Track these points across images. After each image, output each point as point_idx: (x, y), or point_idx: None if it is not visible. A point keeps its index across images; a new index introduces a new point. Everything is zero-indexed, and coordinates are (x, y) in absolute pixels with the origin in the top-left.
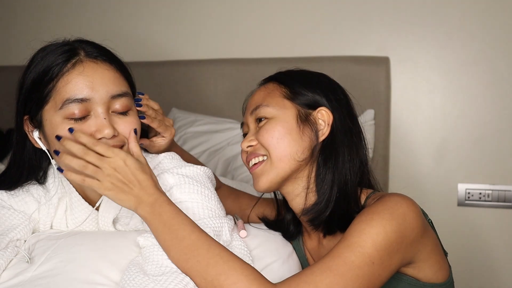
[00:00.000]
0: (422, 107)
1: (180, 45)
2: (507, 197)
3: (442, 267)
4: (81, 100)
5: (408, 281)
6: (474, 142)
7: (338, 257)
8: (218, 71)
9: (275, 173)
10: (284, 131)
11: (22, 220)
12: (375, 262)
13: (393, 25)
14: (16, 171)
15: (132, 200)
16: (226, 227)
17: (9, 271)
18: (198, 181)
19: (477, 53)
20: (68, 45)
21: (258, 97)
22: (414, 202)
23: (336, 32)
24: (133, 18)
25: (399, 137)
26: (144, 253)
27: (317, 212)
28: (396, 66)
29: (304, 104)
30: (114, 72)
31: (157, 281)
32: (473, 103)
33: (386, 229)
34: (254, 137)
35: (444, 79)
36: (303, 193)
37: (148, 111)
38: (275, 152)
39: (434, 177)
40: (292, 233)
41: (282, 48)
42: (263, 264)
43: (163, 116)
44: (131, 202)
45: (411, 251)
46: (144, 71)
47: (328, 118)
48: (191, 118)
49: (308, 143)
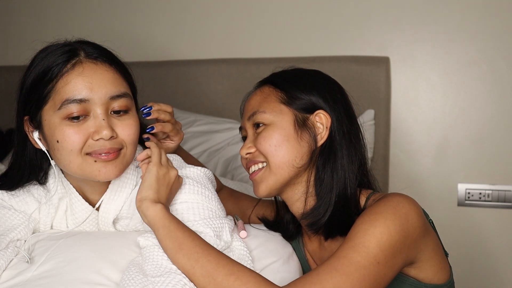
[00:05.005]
0: (422, 107)
1: (180, 45)
2: (507, 197)
3: (443, 268)
4: (80, 101)
5: (410, 282)
6: (474, 142)
7: (343, 258)
8: (218, 71)
9: (274, 180)
10: (281, 138)
11: (23, 221)
12: (380, 262)
13: (393, 25)
14: (18, 172)
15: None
16: (226, 227)
17: (9, 271)
18: (199, 182)
19: (477, 53)
20: (68, 46)
21: (255, 102)
22: (415, 202)
23: (336, 32)
24: (133, 18)
25: (399, 137)
26: (144, 253)
27: (316, 216)
28: (396, 66)
29: (301, 109)
30: (113, 73)
31: (155, 282)
32: (473, 103)
33: (389, 229)
34: (252, 144)
35: (444, 79)
36: (303, 198)
37: (160, 116)
38: (274, 160)
39: (434, 177)
40: (292, 233)
41: (282, 48)
42: (263, 264)
43: (174, 120)
44: (153, 194)
45: (414, 251)
46: (144, 71)
47: (326, 121)
48: (190, 118)
49: (307, 148)
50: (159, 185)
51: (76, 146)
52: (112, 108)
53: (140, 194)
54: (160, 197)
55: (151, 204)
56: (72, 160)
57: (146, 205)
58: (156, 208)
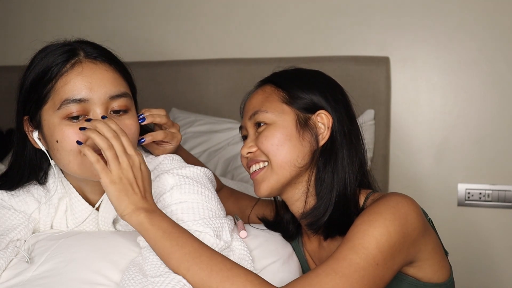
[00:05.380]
0: (422, 107)
1: (180, 45)
2: (507, 197)
3: (443, 267)
4: (79, 101)
5: (409, 281)
6: (474, 142)
7: (342, 259)
8: (218, 71)
9: (276, 179)
10: (283, 137)
11: (23, 220)
12: (379, 263)
13: (393, 25)
14: (17, 172)
15: (129, 204)
16: (226, 227)
17: (9, 271)
18: (198, 181)
19: (477, 53)
20: (68, 46)
21: (256, 101)
22: (415, 201)
23: (336, 32)
24: (133, 18)
25: (399, 137)
26: (144, 253)
27: (316, 216)
28: (396, 66)
29: (303, 108)
30: (113, 72)
31: (155, 282)
32: (473, 103)
33: (389, 229)
34: (254, 143)
35: (444, 79)
36: (303, 198)
37: (156, 119)
38: (276, 159)
39: (434, 177)
40: (292, 233)
41: (282, 48)
42: (263, 264)
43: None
44: (128, 205)
45: (413, 251)
46: (144, 71)
47: (327, 121)
48: (191, 118)
49: (308, 148)
50: (126, 191)
51: (75, 146)
52: (111, 108)
53: (117, 212)
54: (137, 202)
55: (131, 216)
56: (71, 160)
57: (129, 220)
58: (138, 219)
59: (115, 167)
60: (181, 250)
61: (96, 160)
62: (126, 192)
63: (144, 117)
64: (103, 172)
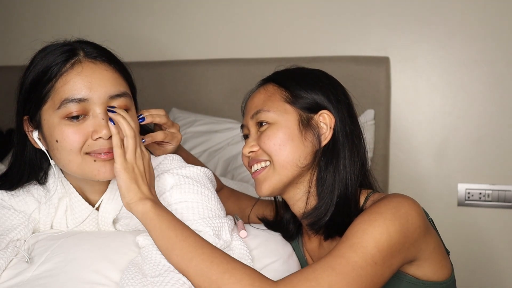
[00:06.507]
0: (422, 107)
1: (180, 45)
2: (507, 197)
3: (444, 266)
4: (79, 100)
5: (408, 279)
6: (474, 142)
7: (341, 257)
8: (218, 71)
9: (278, 179)
10: (286, 137)
11: (23, 220)
12: (378, 262)
13: (393, 25)
14: (17, 172)
15: (138, 193)
16: (226, 227)
17: (9, 271)
18: (198, 181)
19: (477, 53)
20: (68, 46)
21: (258, 100)
22: (416, 202)
23: (336, 32)
24: (133, 18)
25: (399, 137)
26: (143, 253)
27: (317, 216)
28: (396, 66)
29: (305, 108)
30: (113, 72)
31: (155, 282)
32: (473, 103)
33: (389, 229)
34: (256, 143)
35: (444, 79)
36: (304, 198)
37: (155, 119)
38: (278, 159)
39: (434, 177)
40: (292, 233)
41: (282, 48)
42: (263, 264)
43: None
44: (136, 193)
45: (413, 250)
46: (144, 71)
47: (330, 121)
48: (191, 118)
49: (311, 148)
50: (136, 181)
51: (75, 145)
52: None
53: (124, 200)
54: (145, 191)
55: (138, 204)
56: (71, 159)
57: (135, 208)
58: (145, 207)
59: (131, 156)
60: (185, 241)
61: (118, 144)
62: (137, 181)
63: (144, 117)
64: (120, 157)
